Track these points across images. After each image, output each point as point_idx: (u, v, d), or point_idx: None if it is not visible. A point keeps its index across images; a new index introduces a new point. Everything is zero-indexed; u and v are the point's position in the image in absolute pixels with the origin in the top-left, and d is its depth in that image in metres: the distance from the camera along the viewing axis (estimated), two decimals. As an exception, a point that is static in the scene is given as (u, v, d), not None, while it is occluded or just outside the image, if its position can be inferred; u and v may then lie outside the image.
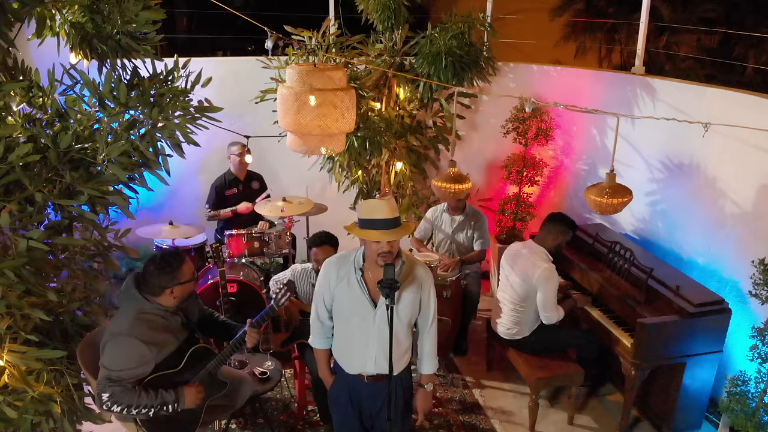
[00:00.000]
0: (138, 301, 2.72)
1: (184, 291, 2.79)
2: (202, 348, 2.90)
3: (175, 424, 2.80)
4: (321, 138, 3.90)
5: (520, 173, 5.39)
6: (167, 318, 2.76)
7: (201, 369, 2.88)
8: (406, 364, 2.85)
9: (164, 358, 2.74)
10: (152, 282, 2.73)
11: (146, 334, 2.65)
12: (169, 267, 2.73)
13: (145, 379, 2.69)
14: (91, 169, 3.00)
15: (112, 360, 2.60)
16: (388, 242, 2.53)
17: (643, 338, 3.60)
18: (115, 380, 2.58)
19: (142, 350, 2.62)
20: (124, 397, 2.57)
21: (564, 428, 4.02)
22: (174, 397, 2.69)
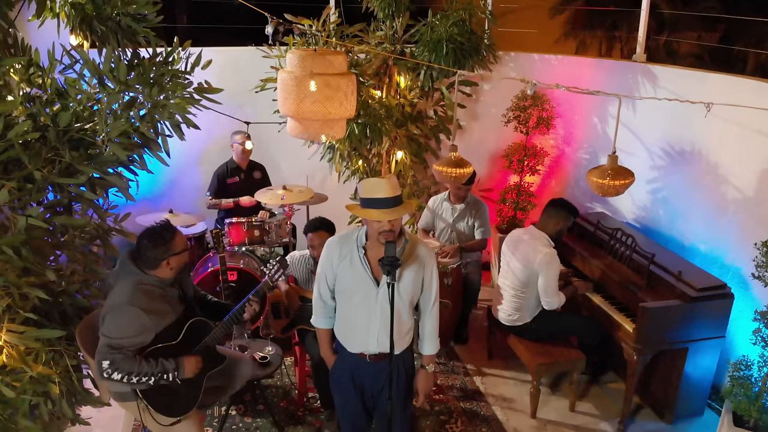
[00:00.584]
0: (136, 274, 2.72)
1: (180, 261, 2.80)
2: (200, 321, 2.89)
3: (174, 398, 2.78)
4: (321, 124, 3.89)
5: (521, 162, 5.37)
6: (164, 289, 2.77)
7: (199, 341, 2.88)
8: (408, 344, 2.83)
9: (163, 330, 2.73)
10: (148, 255, 2.74)
11: (145, 303, 2.65)
12: (163, 239, 2.74)
13: (144, 350, 2.67)
14: (90, 150, 2.99)
15: (113, 329, 2.60)
16: (389, 221, 2.52)
17: (644, 323, 3.58)
18: (116, 348, 2.57)
19: (143, 318, 2.62)
20: (125, 364, 2.56)
21: (566, 415, 4.00)
22: (174, 366, 2.68)
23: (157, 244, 2.73)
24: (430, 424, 3.85)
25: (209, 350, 2.94)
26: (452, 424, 3.85)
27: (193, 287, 3.11)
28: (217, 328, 2.94)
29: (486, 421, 3.90)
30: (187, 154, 5.54)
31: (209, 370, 2.93)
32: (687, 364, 3.77)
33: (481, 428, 3.83)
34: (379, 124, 4.49)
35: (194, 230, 5.07)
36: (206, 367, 2.91)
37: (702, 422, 3.95)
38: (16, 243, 2.59)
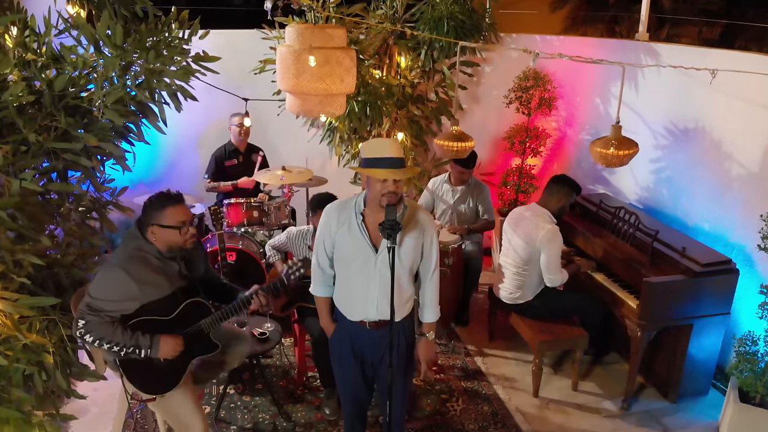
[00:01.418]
0: (137, 239, 2.65)
1: (165, 236, 2.64)
2: (199, 302, 2.78)
3: (154, 373, 2.68)
4: (321, 100, 3.85)
5: (523, 143, 5.32)
6: (163, 262, 2.67)
7: (193, 323, 2.77)
8: (408, 313, 2.78)
9: (155, 302, 2.63)
10: (143, 216, 2.67)
11: (138, 271, 2.56)
12: (155, 203, 2.65)
13: (131, 319, 2.60)
14: (86, 119, 2.95)
15: (97, 287, 2.53)
16: (393, 182, 2.46)
17: (648, 298, 3.53)
18: (95, 309, 2.49)
19: (131, 286, 2.54)
20: (98, 328, 2.49)
21: (568, 394, 3.95)
22: (148, 343, 2.58)
23: (150, 206, 2.65)
24: (431, 402, 3.80)
25: (201, 335, 2.82)
26: (453, 402, 3.80)
27: (206, 267, 2.98)
28: (215, 314, 2.81)
29: (487, 399, 3.85)
30: (185, 137, 5.51)
31: (197, 355, 2.83)
32: (691, 342, 3.72)
33: (482, 406, 3.78)
34: (379, 102, 4.44)
35: (192, 212, 5.01)
36: (193, 350, 2.79)
37: (707, 401, 3.90)
38: (10, 206, 2.54)
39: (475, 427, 3.59)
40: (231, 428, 3.54)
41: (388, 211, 2.44)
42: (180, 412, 2.75)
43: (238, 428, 3.54)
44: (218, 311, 2.82)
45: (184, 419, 2.76)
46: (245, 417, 3.63)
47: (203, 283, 2.93)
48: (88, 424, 3.57)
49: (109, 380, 3.71)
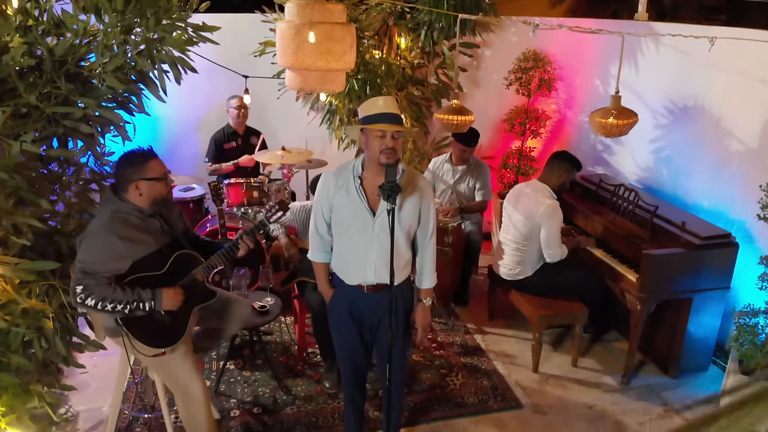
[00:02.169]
0: (113, 202, 2.63)
1: (151, 189, 2.66)
2: (188, 254, 2.79)
3: (158, 329, 2.69)
4: (320, 76, 3.85)
5: (522, 125, 5.33)
6: (143, 219, 2.66)
7: (187, 274, 2.78)
8: (405, 277, 2.78)
9: (144, 259, 2.63)
10: (119, 176, 2.65)
11: (121, 229, 2.55)
12: (135, 159, 2.65)
13: (125, 279, 2.59)
14: (86, 87, 2.96)
15: (87, 254, 2.51)
16: (392, 138, 2.47)
17: (648, 270, 3.54)
18: (89, 273, 2.48)
19: (117, 245, 2.53)
20: (98, 289, 2.47)
21: (568, 370, 3.95)
22: (150, 295, 2.57)
23: (128, 164, 2.64)
24: (430, 376, 3.80)
25: (197, 284, 2.83)
26: (453, 377, 3.81)
27: (184, 225, 2.98)
28: (206, 261, 2.82)
29: (487, 374, 3.85)
30: (185, 121, 5.51)
31: (197, 304, 2.84)
32: (691, 317, 3.72)
33: (482, 381, 3.78)
34: (379, 80, 4.44)
35: (193, 194, 5.03)
36: (193, 300, 2.81)
37: (707, 377, 3.90)
38: (10, 167, 2.54)
39: (475, 400, 3.60)
40: (231, 401, 3.54)
41: (387, 172, 2.44)
42: (180, 375, 2.75)
43: (238, 401, 3.54)
44: (210, 259, 2.83)
45: (184, 381, 2.76)
46: (245, 391, 3.63)
47: (186, 239, 2.94)
48: (87, 398, 3.57)
49: (108, 356, 3.75)
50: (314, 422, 3.38)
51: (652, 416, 3.53)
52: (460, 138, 4.45)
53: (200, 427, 2.83)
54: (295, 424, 3.36)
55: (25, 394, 3.01)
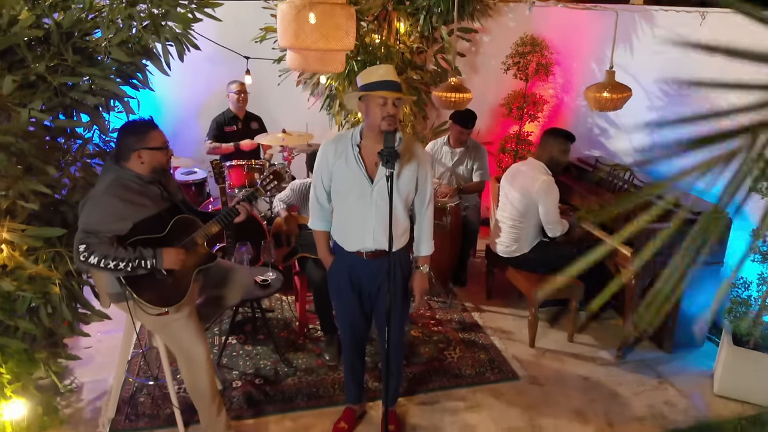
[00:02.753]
0: (114, 170, 2.69)
1: (153, 158, 2.73)
2: (187, 218, 2.85)
3: (161, 288, 2.74)
4: (320, 56, 3.92)
5: (520, 109, 5.39)
6: (142, 185, 2.72)
7: (187, 238, 2.84)
8: (404, 245, 2.85)
9: (145, 222, 2.69)
10: (121, 145, 2.71)
11: (121, 193, 2.61)
12: (138, 130, 2.71)
13: (126, 240, 2.65)
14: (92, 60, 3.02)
15: (88, 217, 2.57)
16: (393, 104, 2.53)
17: (642, 245, 3.60)
18: (92, 232, 2.53)
19: (118, 206, 2.59)
20: (100, 248, 2.52)
21: (564, 345, 4.02)
22: (152, 254, 2.62)
23: (131, 133, 2.70)
24: (428, 350, 3.87)
25: (197, 247, 2.88)
26: (451, 351, 3.87)
27: (182, 196, 3.05)
28: (207, 224, 2.88)
29: (484, 348, 3.92)
30: (187, 107, 5.58)
31: (198, 266, 2.88)
32: (685, 291, 3.78)
33: (479, 354, 3.85)
34: (378, 62, 4.51)
35: (194, 177, 5.09)
36: (193, 261, 2.87)
37: (701, 352, 3.96)
38: (19, 132, 2.61)
39: (472, 372, 3.66)
40: (233, 373, 3.61)
41: (386, 138, 2.50)
42: (184, 338, 2.81)
43: (240, 373, 3.61)
44: (208, 222, 2.89)
45: (187, 345, 2.82)
46: (247, 364, 3.70)
47: (185, 207, 3.00)
48: (92, 371, 3.64)
49: (112, 333, 3.82)
50: (315, 392, 3.45)
51: (646, 387, 3.60)
52: (458, 119, 4.52)
53: (204, 392, 2.89)
54: (297, 394, 3.42)
55: (30, 362, 3.08)
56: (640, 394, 3.53)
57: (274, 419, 3.25)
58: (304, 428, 3.18)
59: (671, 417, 3.34)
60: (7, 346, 2.94)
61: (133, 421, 3.21)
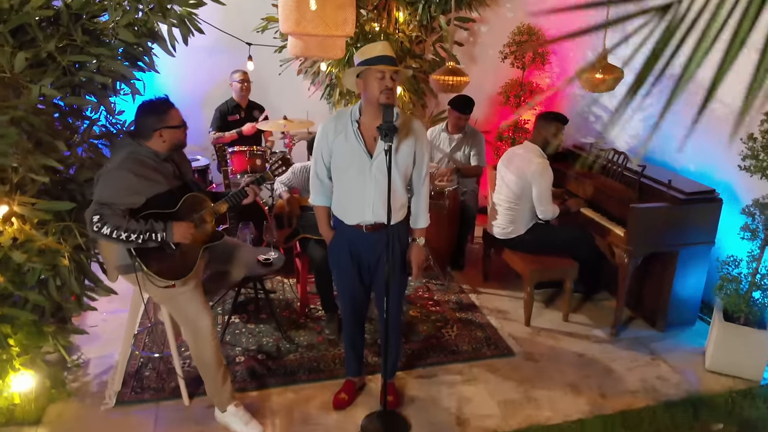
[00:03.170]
0: (131, 146, 2.78)
1: (173, 136, 2.82)
2: (197, 196, 2.95)
3: (169, 262, 2.83)
4: (321, 41, 4.01)
5: (517, 97, 5.49)
6: (158, 162, 2.81)
7: (196, 214, 2.94)
8: (402, 218, 2.94)
9: (157, 198, 2.78)
10: (142, 124, 2.80)
11: (136, 168, 2.70)
12: (158, 109, 2.80)
13: (140, 213, 2.74)
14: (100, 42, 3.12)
15: (103, 190, 2.66)
16: (390, 78, 2.62)
17: (635, 224, 3.69)
18: (105, 203, 2.62)
19: (132, 180, 2.68)
20: (113, 219, 2.61)
21: (559, 324, 4.11)
22: (162, 227, 2.71)
23: (153, 113, 2.79)
24: (426, 329, 3.97)
25: (206, 224, 2.97)
26: (448, 329, 3.97)
27: (193, 175, 3.16)
28: (216, 203, 2.99)
29: (480, 326, 4.01)
30: (190, 97, 5.67)
31: (206, 242, 2.98)
32: (678, 271, 3.87)
33: (476, 332, 3.94)
34: (377, 49, 4.60)
35: (198, 164, 5.19)
36: (202, 238, 2.96)
37: (693, 331, 4.05)
38: (31, 107, 2.70)
39: (469, 348, 3.75)
40: (236, 349, 3.70)
41: (385, 113, 2.59)
42: (189, 309, 2.91)
43: (243, 349, 3.70)
44: (218, 201, 2.99)
45: (193, 316, 2.91)
46: (249, 341, 3.79)
47: (195, 186, 3.09)
48: (98, 348, 3.73)
49: (117, 313, 3.92)
50: (316, 367, 3.54)
51: (639, 363, 3.69)
52: (456, 105, 4.61)
53: (209, 362, 2.98)
54: (298, 368, 3.52)
55: (39, 335, 3.17)
56: (633, 370, 3.62)
57: (276, 391, 3.34)
58: (305, 400, 3.28)
59: (663, 391, 3.43)
60: (16, 318, 3.03)
61: (138, 393, 3.30)
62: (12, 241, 2.85)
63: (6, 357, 3.08)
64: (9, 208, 2.82)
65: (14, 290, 2.92)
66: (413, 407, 3.24)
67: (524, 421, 3.15)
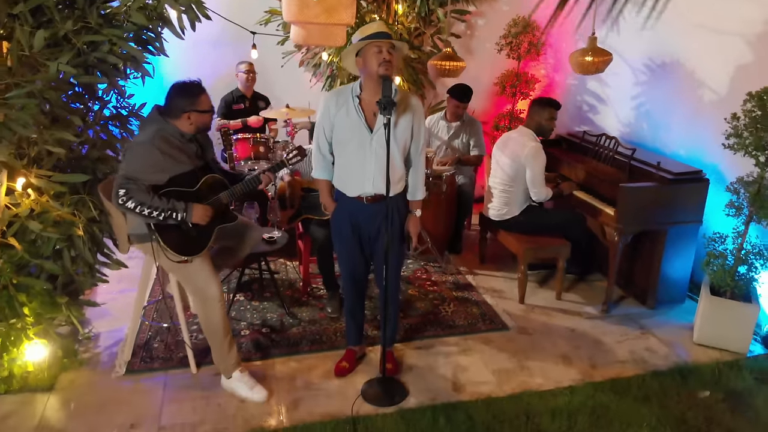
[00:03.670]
0: (159, 122, 2.94)
1: (200, 119, 2.99)
2: (216, 178, 3.11)
3: (184, 240, 2.98)
4: (322, 29, 4.16)
5: (513, 87, 5.65)
6: (183, 142, 2.98)
7: (214, 195, 3.10)
8: (400, 190, 3.09)
9: (180, 176, 2.93)
10: (172, 104, 2.95)
11: (162, 145, 2.86)
12: (190, 92, 2.96)
13: (162, 191, 2.90)
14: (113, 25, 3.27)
15: (130, 164, 2.81)
16: (387, 51, 2.77)
17: (624, 202, 3.84)
18: (132, 179, 2.78)
19: (158, 157, 2.84)
20: (138, 194, 2.77)
21: (552, 302, 4.25)
22: (183, 207, 2.87)
23: (185, 95, 2.94)
24: (424, 306, 4.11)
25: (222, 206, 3.15)
26: (445, 306, 4.12)
27: (214, 156, 3.31)
28: (232, 187, 3.15)
29: (476, 304, 4.15)
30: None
31: (220, 223, 3.14)
32: (667, 248, 4.01)
33: (471, 309, 4.08)
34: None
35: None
36: (217, 219, 3.12)
37: (682, 308, 4.19)
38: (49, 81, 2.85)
39: (465, 323, 3.90)
40: (241, 324, 3.84)
41: (384, 87, 2.74)
42: (199, 278, 3.05)
43: (248, 324, 3.84)
44: (234, 185, 3.14)
45: (202, 284, 3.05)
46: (254, 316, 3.94)
47: (216, 167, 3.25)
48: (107, 323, 3.86)
49: (126, 292, 4.07)
50: (318, 339, 3.69)
51: (629, 337, 3.83)
52: (454, 93, 4.77)
53: (216, 328, 3.12)
54: (301, 340, 3.66)
55: (52, 305, 3.31)
56: (622, 342, 3.76)
57: (279, 361, 3.48)
58: (308, 368, 3.42)
59: (652, 361, 3.56)
60: (31, 287, 3.18)
61: (147, 363, 3.44)
62: (29, 212, 3.01)
63: (20, 326, 3.23)
64: (26, 180, 2.98)
65: (30, 259, 3.07)
66: (411, 375, 3.38)
67: (517, 387, 3.29)
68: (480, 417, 3.03)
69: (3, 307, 3.14)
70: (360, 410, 3.07)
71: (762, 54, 3.80)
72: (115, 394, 3.21)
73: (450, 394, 3.22)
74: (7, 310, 3.15)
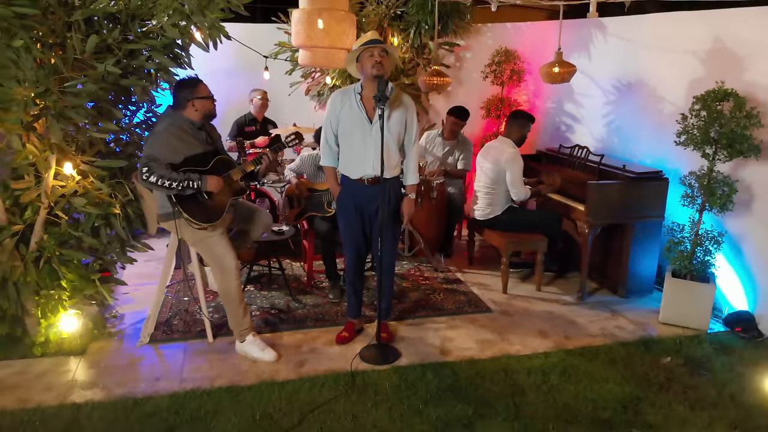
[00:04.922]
0: (172, 115, 3.48)
1: (203, 105, 3.52)
2: (226, 158, 3.64)
3: (203, 210, 3.45)
4: (326, 53, 4.75)
5: (498, 111, 6.23)
6: (194, 130, 3.50)
7: (224, 174, 3.59)
8: (396, 174, 3.59)
9: (193, 158, 3.44)
10: (178, 97, 3.50)
11: (178, 132, 3.40)
12: (189, 83, 3.51)
13: (179, 168, 3.38)
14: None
15: (152, 148, 3.34)
16: (379, 54, 3.33)
17: (592, 198, 4.33)
18: (152, 158, 3.29)
19: (174, 141, 3.37)
20: (158, 169, 3.27)
21: (532, 293, 4.70)
22: (198, 177, 3.37)
23: (185, 86, 3.50)
24: (416, 294, 4.55)
25: (232, 181, 3.63)
26: (435, 295, 4.56)
27: (222, 146, 3.83)
28: (239, 166, 3.65)
29: (464, 293, 4.59)
30: (209, 114, 6.40)
31: (232, 195, 3.62)
32: (634, 242, 4.48)
33: (459, 297, 4.52)
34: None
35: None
36: (230, 192, 3.60)
37: (651, 297, 4.62)
38: (98, 78, 3.39)
39: (453, 307, 4.33)
40: (251, 307, 4.27)
41: (378, 84, 3.29)
42: (217, 249, 3.52)
43: (258, 307, 4.28)
44: (240, 165, 3.65)
45: (220, 256, 3.52)
46: (264, 302, 4.37)
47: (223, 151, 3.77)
48: (131, 307, 4.29)
49: (147, 285, 4.53)
50: (321, 317, 4.12)
51: (601, 318, 4.25)
52: (454, 112, 5.30)
53: (233, 296, 3.56)
54: (306, 318, 4.10)
55: (87, 279, 3.76)
56: (595, 322, 4.18)
57: (287, 333, 3.91)
58: (312, 338, 3.84)
59: (620, 336, 3.98)
60: (70, 261, 3.64)
61: (168, 335, 3.86)
62: (73, 193, 3.50)
63: (58, 297, 3.67)
64: (73, 163, 3.48)
65: (73, 233, 3.54)
66: (404, 343, 3.79)
67: (498, 352, 3.70)
68: (464, 373, 3.44)
69: (44, 278, 3.60)
70: (358, 368, 3.48)
71: (711, 67, 4.37)
72: (141, 357, 3.62)
73: (438, 356, 3.63)
74: (48, 280, 3.61)
